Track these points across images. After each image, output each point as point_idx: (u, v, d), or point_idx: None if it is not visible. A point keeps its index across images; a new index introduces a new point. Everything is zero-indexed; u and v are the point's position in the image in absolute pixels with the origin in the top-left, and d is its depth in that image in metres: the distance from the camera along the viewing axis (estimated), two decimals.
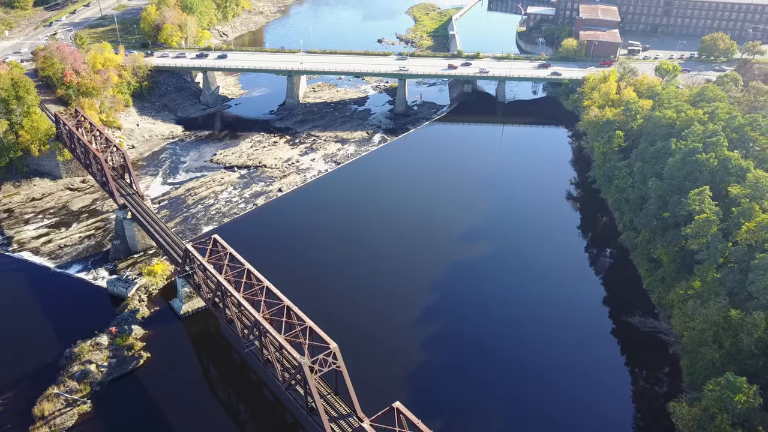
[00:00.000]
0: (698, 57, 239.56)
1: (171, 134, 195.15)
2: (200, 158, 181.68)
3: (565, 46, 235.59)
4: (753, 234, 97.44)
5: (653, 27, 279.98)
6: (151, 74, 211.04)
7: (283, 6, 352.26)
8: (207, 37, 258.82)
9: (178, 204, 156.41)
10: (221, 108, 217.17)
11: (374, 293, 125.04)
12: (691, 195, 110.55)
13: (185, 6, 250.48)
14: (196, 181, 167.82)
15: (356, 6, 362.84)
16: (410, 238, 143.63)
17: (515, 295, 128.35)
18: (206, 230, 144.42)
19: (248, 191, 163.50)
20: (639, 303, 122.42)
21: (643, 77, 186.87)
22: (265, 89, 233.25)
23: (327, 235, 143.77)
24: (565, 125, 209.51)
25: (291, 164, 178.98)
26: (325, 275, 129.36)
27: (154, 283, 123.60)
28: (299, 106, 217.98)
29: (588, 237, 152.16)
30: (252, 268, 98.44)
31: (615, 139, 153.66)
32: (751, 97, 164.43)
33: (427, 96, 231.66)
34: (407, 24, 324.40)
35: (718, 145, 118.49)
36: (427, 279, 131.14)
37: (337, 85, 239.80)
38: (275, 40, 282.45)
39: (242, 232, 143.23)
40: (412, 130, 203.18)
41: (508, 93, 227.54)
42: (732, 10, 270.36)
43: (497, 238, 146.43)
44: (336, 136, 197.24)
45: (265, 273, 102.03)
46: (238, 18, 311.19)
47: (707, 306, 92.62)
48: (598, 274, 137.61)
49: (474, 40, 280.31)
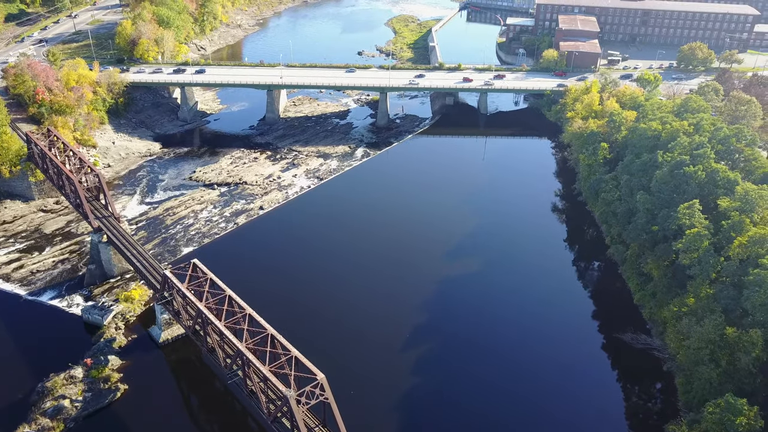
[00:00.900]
0: (677, 66, 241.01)
1: (148, 152, 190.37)
2: (179, 176, 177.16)
3: (546, 57, 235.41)
4: (745, 248, 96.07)
5: (631, 37, 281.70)
6: (127, 90, 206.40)
7: (261, 19, 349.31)
8: (184, 51, 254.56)
9: (156, 224, 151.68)
10: (200, 124, 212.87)
11: (362, 315, 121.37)
12: (681, 209, 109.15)
13: (161, 20, 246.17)
14: (174, 200, 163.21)
15: (335, 18, 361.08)
16: (397, 256, 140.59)
17: (504, 312, 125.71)
18: (186, 252, 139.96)
19: (229, 210, 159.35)
20: (630, 318, 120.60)
21: (625, 88, 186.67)
22: (244, 103, 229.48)
23: (310, 255, 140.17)
24: (548, 136, 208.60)
25: (272, 181, 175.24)
26: (310, 298, 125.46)
27: (132, 309, 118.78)
28: (280, 121, 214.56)
29: (575, 250, 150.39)
30: (234, 294, 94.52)
31: (600, 151, 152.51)
32: (733, 107, 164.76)
33: (408, 109, 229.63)
34: (387, 36, 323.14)
35: (705, 158, 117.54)
36: (415, 298, 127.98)
37: (318, 98, 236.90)
38: (254, 54, 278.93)
39: (223, 253, 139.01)
40: (395, 143, 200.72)
41: (490, 104, 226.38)
42: (708, 19, 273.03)
43: (484, 253, 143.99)
44: (318, 151, 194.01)
45: (247, 297, 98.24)
46: (215, 31, 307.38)
47: (702, 324, 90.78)
48: (587, 288, 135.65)
49: (454, 51, 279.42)
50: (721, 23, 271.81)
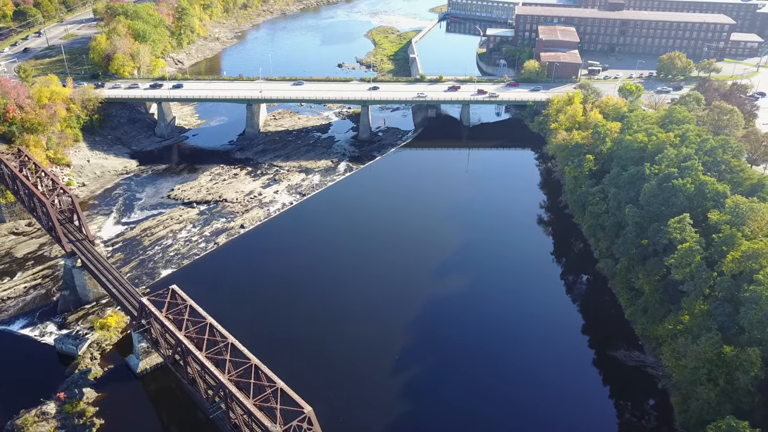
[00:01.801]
0: (657, 76, 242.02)
1: (125, 169, 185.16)
2: (157, 194, 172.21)
3: (527, 68, 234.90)
4: (738, 263, 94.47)
5: (611, 47, 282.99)
6: (103, 106, 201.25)
7: (239, 32, 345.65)
8: (161, 65, 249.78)
9: (133, 246, 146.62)
10: (178, 139, 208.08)
11: (350, 339, 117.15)
12: (671, 223, 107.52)
13: (137, 34, 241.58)
14: (152, 220, 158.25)
15: (314, 30, 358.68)
16: (383, 275, 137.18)
17: (493, 329, 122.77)
18: (164, 274, 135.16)
19: (209, 229, 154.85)
20: (622, 334, 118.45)
21: (608, 99, 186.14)
22: (223, 118, 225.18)
23: (294, 275, 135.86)
24: (531, 147, 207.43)
25: (253, 197, 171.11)
26: (295, 322, 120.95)
27: (108, 337, 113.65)
28: (260, 136, 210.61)
29: (564, 264, 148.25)
30: (215, 322, 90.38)
31: (586, 164, 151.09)
32: (715, 116, 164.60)
33: (391, 121, 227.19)
34: (367, 48, 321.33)
35: (693, 170, 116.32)
36: (403, 319, 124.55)
37: (299, 112, 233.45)
38: (232, 67, 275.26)
39: (203, 276, 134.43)
40: (378, 157, 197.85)
41: (473, 116, 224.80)
42: (686, 29, 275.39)
43: (472, 268, 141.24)
44: (300, 166, 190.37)
45: (229, 323, 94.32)
46: (193, 45, 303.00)
47: (699, 342, 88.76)
48: (576, 303, 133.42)
49: (435, 62, 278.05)
50: (698, 32, 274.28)
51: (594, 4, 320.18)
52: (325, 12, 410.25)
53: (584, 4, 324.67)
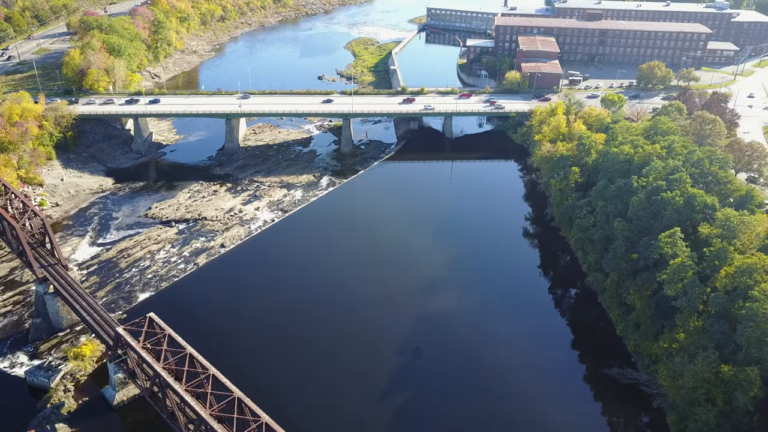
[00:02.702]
0: (637, 85, 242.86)
1: (100, 188, 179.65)
2: (134, 213, 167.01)
3: (508, 79, 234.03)
4: (732, 278, 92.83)
5: (590, 56, 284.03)
6: (77, 123, 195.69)
7: (217, 44, 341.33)
8: (137, 80, 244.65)
9: (109, 268, 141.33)
10: (155, 156, 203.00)
11: (336, 366, 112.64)
12: (662, 237, 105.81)
13: (112, 48, 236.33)
14: (129, 240, 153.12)
15: (293, 42, 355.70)
16: (370, 294, 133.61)
17: (482, 347, 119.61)
18: (142, 298, 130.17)
19: (188, 249, 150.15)
20: (614, 350, 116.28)
21: (591, 109, 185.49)
22: (202, 133, 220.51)
23: (277, 298, 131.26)
24: (514, 159, 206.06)
25: (234, 215, 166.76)
26: (279, 349, 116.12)
27: (82, 368, 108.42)
28: (240, 150, 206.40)
29: (551, 277, 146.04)
30: (195, 352, 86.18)
31: (571, 176, 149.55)
32: (698, 126, 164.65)
33: (373, 134, 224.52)
34: (347, 59, 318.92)
35: (681, 182, 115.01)
36: (390, 339, 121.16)
37: (279, 125, 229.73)
38: (211, 80, 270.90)
39: (183, 299, 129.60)
40: (362, 171, 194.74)
41: (455, 128, 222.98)
42: (663, 38, 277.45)
43: (459, 284, 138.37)
44: (281, 181, 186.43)
45: (210, 351, 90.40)
46: (170, 58, 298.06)
47: (696, 362, 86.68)
48: (565, 317, 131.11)
49: (415, 73, 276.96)
50: (675, 41, 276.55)
51: (572, 15, 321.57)
52: (303, 24, 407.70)
53: (563, 14, 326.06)
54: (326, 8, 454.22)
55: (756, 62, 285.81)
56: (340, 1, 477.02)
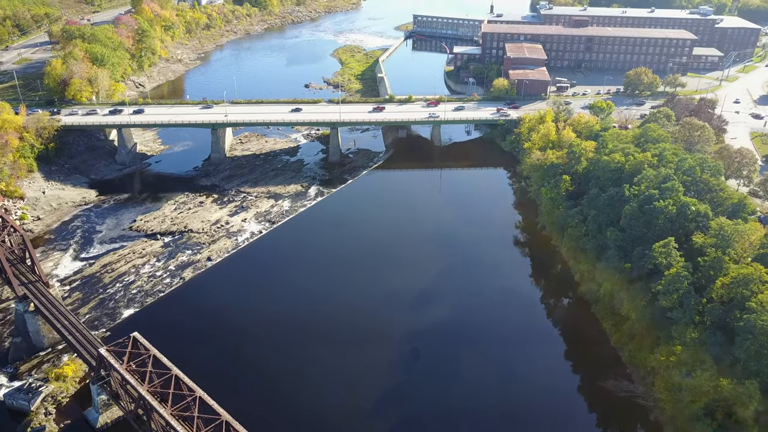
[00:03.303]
0: (624, 91, 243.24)
1: (83, 200, 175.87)
2: (118, 226, 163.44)
3: (496, 86, 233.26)
4: (728, 288, 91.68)
5: (577, 63, 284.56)
6: (59, 134, 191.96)
7: (203, 53, 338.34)
8: (121, 89, 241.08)
9: (92, 284, 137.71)
10: (140, 167, 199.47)
11: (327, 385, 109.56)
12: (656, 247, 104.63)
13: (95, 58, 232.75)
14: (113, 254, 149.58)
15: (279, 50, 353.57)
16: (361, 309, 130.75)
17: (475, 358, 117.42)
18: (126, 315, 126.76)
19: (173, 262, 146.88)
20: (609, 362, 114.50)
21: (580, 116, 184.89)
22: (188, 143, 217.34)
23: (265, 313, 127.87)
24: (504, 166, 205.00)
25: (220, 227, 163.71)
26: (268, 367, 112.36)
27: (64, 389, 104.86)
28: (226, 160, 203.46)
29: (543, 287, 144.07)
30: (181, 373, 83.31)
31: (562, 184, 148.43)
32: (687, 133, 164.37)
33: (361, 143, 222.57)
34: (334, 67, 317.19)
35: (674, 191, 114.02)
36: (382, 350, 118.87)
37: (266, 135, 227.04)
38: (196, 89, 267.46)
39: (169, 316, 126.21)
40: (350, 180, 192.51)
41: (444, 135, 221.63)
42: (649, 44, 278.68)
43: (451, 296, 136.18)
44: (268, 192, 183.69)
45: (197, 372, 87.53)
46: (155, 67, 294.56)
47: (695, 376, 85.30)
48: (558, 327, 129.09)
49: (403, 81, 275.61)
50: (661, 48, 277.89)
51: (558, 21, 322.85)
52: (289, 31, 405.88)
53: (548, 21, 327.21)
54: (312, 16, 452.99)
55: (740, 68, 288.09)
56: (326, 9, 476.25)
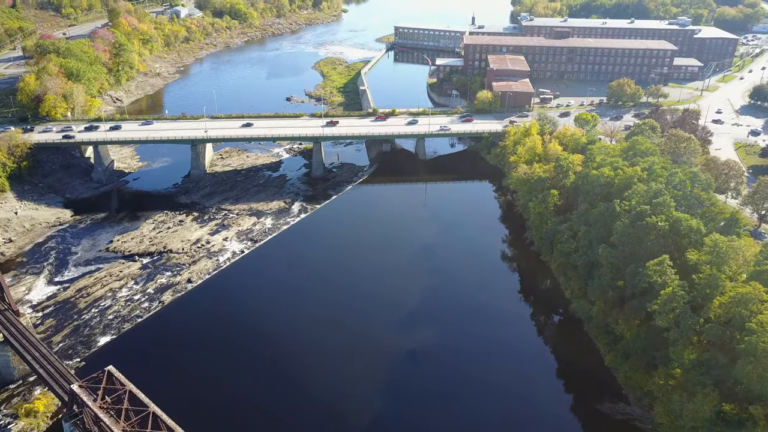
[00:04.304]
0: (607, 102, 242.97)
1: (58, 220, 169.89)
2: (94, 247, 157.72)
3: (480, 98, 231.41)
4: (726, 308, 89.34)
5: (559, 74, 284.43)
6: (32, 152, 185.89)
7: (182, 66, 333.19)
8: (98, 105, 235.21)
9: (66, 309, 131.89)
10: (117, 184, 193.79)
11: (314, 414, 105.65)
12: (650, 265, 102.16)
13: (70, 73, 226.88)
14: (89, 278, 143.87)
15: (259, 63, 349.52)
16: (346, 329, 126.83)
17: (462, 378, 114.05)
18: (102, 342, 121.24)
19: (152, 285, 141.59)
20: (604, 382, 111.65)
21: (566, 129, 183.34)
22: (167, 159, 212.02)
23: (249, 342, 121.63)
24: (489, 179, 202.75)
25: (201, 247, 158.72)
26: (252, 403, 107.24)
27: (35, 425, 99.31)
28: (206, 177, 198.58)
29: (532, 303, 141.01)
30: (159, 411, 78.50)
31: (550, 199, 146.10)
32: (673, 145, 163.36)
33: (344, 157, 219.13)
34: (315, 80, 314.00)
35: (666, 206, 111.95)
36: (369, 375, 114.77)
37: (247, 150, 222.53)
38: (175, 104, 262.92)
39: (146, 344, 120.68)
40: (334, 196, 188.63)
41: (428, 149, 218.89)
42: (631, 55, 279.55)
43: (439, 315, 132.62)
44: (250, 209, 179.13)
45: (176, 407, 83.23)
46: (133, 81, 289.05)
47: (695, 401, 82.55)
48: (549, 345, 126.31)
49: (385, 94, 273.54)
50: (643, 58, 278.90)
51: (540, 33, 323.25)
52: (270, 44, 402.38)
53: (530, 32, 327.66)
54: (293, 28, 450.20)
55: (720, 77, 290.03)
56: (307, 21, 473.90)
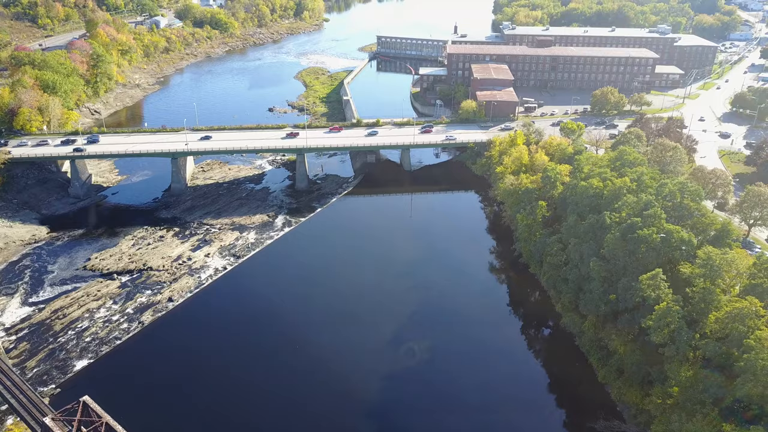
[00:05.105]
0: (591, 111, 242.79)
1: (33, 238, 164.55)
2: (71, 266, 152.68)
3: (464, 108, 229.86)
4: (722, 323, 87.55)
5: (543, 83, 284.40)
6: (6, 167, 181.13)
7: (162, 77, 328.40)
8: (75, 118, 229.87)
9: (41, 332, 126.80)
10: (95, 199, 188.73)
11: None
12: (643, 279, 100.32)
13: (46, 85, 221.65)
14: (65, 298, 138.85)
15: (241, 74, 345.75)
16: (334, 349, 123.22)
17: (451, 396, 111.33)
18: (79, 367, 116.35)
19: (131, 304, 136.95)
20: (597, 399, 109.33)
21: (551, 139, 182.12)
22: (147, 172, 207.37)
23: (232, 363, 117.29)
24: (475, 190, 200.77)
25: (182, 263, 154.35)
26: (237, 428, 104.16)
27: None
28: (187, 190, 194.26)
29: (522, 316, 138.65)
30: None
31: (538, 210, 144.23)
32: (659, 154, 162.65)
33: (329, 168, 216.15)
34: (298, 90, 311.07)
35: (657, 218, 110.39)
36: (359, 395, 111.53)
37: (229, 162, 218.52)
38: (155, 116, 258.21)
39: (125, 368, 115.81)
40: (319, 209, 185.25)
41: (414, 159, 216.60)
42: (613, 63, 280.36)
43: (425, 329, 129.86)
44: (233, 223, 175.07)
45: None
46: (111, 93, 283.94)
47: (695, 421, 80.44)
48: (539, 360, 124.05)
49: (369, 103, 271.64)
50: (625, 66, 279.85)
51: (522, 41, 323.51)
52: (251, 54, 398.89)
53: (512, 41, 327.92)
54: (274, 38, 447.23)
55: (700, 85, 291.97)
56: (289, 30, 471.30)
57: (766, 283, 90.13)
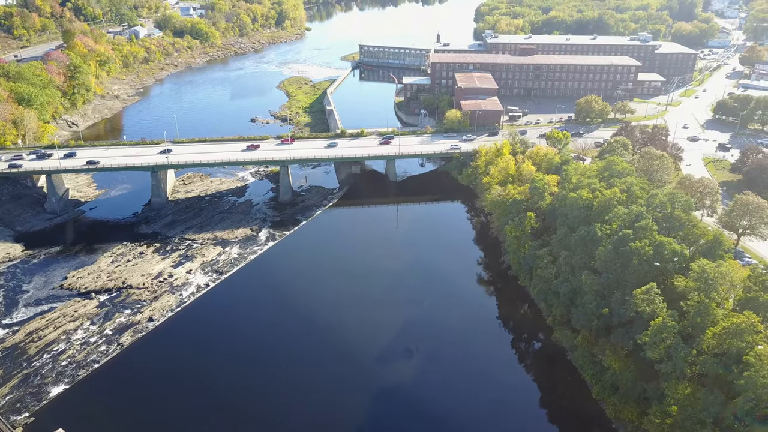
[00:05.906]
0: (576, 119, 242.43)
1: (7, 256, 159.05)
2: (47, 285, 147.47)
3: (449, 118, 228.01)
4: (720, 339, 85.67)
5: (526, 91, 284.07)
6: None
7: (141, 88, 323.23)
8: (51, 131, 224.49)
9: (15, 356, 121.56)
10: (73, 215, 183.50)
11: None
12: (638, 294, 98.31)
13: (21, 98, 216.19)
14: (40, 320, 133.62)
15: (222, 84, 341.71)
16: (321, 368, 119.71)
17: (441, 414, 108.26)
18: (55, 393, 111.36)
19: (110, 325, 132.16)
20: (592, 417, 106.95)
21: (538, 148, 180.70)
22: (126, 186, 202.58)
23: (215, 388, 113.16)
24: (461, 200, 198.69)
25: (163, 281, 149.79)
26: None
27: None
28: (168, 205, 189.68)
29: (512, 330, 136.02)
30: None
31: (527, 222, 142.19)
32: (646, 162, 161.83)
33: (313, 179, 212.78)
34: (280, 100, 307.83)
35: (648, 230, 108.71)
36: (346, 416, 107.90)
37: (211, 174, 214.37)
38: (134, 127, 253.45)
39: (103, 393, 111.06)
40: (303, 222, 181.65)
41: (399, 169, 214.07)
42: (596, 71, 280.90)
43: (415, 350, 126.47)
44: (215, 238, 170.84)
45: None
46: (89, 104, 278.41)
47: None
48: (531, 374, 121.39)
49: (353, 113, 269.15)
50: (608, 74, 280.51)
51: (505, 50, 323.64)
52: (233, 63, 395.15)
53: (495, 49, 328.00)
54: (256, 47, 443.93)
55: (682, 92, 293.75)
56: (270, 40, 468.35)
57: (761, 297, 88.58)
